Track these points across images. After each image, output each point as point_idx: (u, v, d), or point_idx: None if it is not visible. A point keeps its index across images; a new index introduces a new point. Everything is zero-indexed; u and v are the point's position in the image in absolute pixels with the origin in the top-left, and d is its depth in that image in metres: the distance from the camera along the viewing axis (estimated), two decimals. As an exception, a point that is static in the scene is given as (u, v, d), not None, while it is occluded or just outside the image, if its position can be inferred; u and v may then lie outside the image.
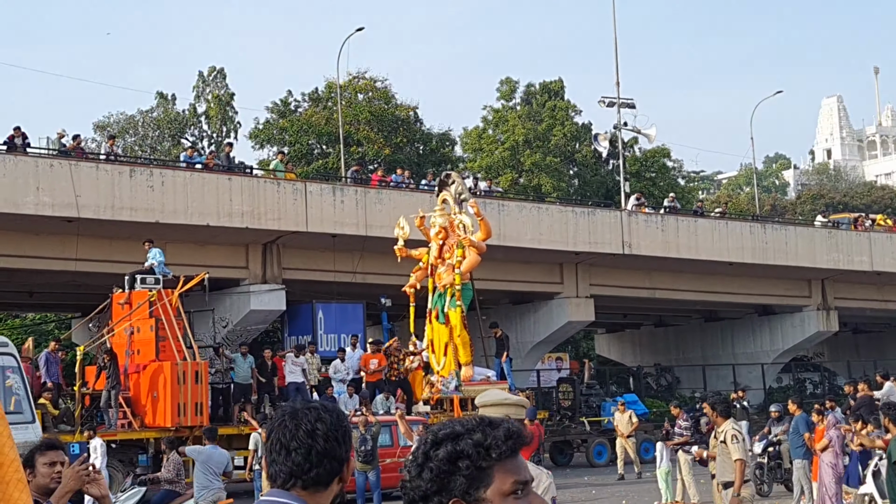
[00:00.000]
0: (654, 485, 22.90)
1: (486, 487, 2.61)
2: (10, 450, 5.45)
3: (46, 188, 28.42)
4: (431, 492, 2.62)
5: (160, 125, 60.72)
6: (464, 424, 2.68)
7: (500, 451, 2.63)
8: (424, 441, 2.69)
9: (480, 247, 25.86)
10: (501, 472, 2.62)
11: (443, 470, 2.61)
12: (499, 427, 2.67)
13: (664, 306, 48.27)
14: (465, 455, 2.61)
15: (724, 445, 11.58)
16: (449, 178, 27.52)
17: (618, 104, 45.56)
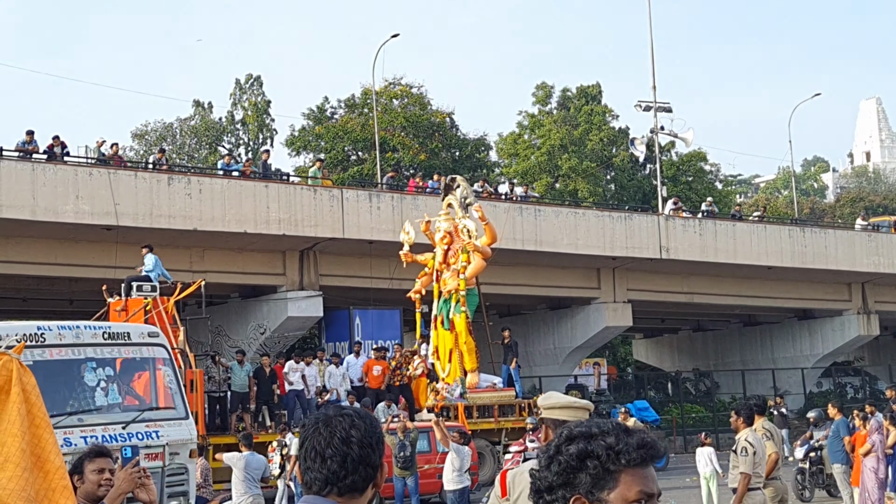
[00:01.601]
0: (686, 491, 22.75)
1: (609, 490, 2.65)
2: (55, 457, 5.48)
3: (86, 196, 28.62)
4: (557, 485, 2.68)
5: (197, 133, 61.09)
6: (600, 426, 2.72)
7: (629, 457, 2.66)
8: (560, 436, 2.74)
9: (485, 252, 25.65)
10: (628, 479, 2.66)
11: (571, 465, 2.67)
12: (633, 435, 2.71)
13: (702, 311, 48.02)
14: (594, 455, 2.66)
15: (734, 454, 11.49)
16: (454, 183, 27.33)
17: (654, 108, 45.38)
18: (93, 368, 14.18)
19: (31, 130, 30.17)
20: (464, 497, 18.54)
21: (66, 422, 13.30)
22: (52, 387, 13.75)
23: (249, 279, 33.39)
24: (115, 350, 14.53)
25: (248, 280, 33.41)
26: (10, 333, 13.27)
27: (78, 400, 14.02)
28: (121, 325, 15.44)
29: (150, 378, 15.11)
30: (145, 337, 15.12)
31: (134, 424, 14.03)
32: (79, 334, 14.16)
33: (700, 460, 20.78)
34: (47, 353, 13.70)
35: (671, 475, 28.99)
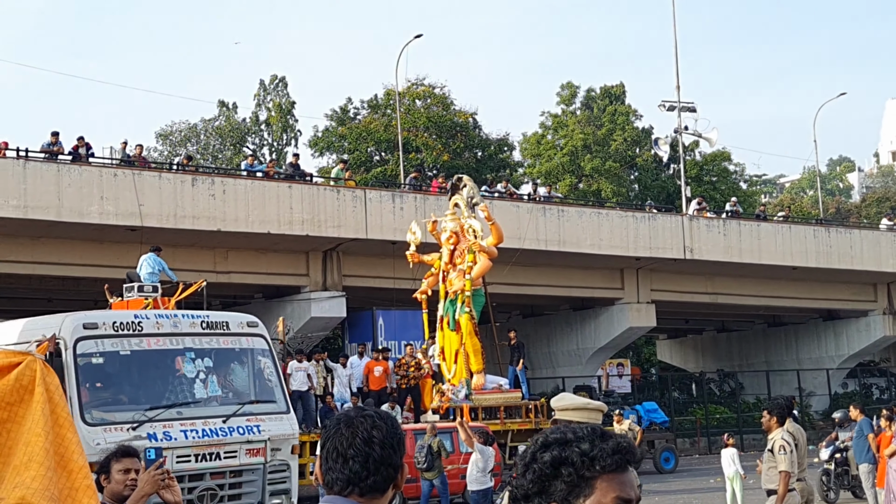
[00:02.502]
0: (710, 493, 22.67)
1: (585, 497, 2.60)
2: (78, 457, 5.50)
3: (110, 197, 28.75)
4: (532, 493, 2.64)
5: (222, 134, 61.29)
6: (575, 432, 2.68)
7: (604, 463, 2.61)
8: (535, 442, 2.71)
9: (491, 251, 25.51)
10: (604, 485, 2.61)
11: (545, 473, 2.63)
12: (609, 440, 2.66)
13: (727, 311, 47.86)
14: (569, 462, 2.61)
15: (770, 454, 11.41)
16: (461, 182, 27.21)
17: (678, 108, 45.25)
18: (191, 359, 13.70)
19: (57, 132, 30.33)
20: (487, 497, 18.54)
21: (165, 415, 12.99)
22: (150, 377, 13.52)
23: (273, 280, 33.46)
24: (213, 340, 13.97)
25: (272, 280, 33.49)
26: (106, 321, 13.06)
27: (175, 392, 13.56)
28: (219, 314, 14.79)
29: (249, 370, 14.47)
30: (244, 326, 14.48)
31: (234, 418, 13.55)
32: (176, 323, 13.72)
33: (724, 461, 20.71)
34: (144, 343, 13.28)
35: (695, 476, 28.90)
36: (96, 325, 12.95)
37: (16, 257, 28.80)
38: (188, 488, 12.83)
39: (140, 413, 12.85)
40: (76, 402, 12.30)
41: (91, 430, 12.30)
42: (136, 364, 13.35)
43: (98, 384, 13.05)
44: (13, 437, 5.37)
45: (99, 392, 13.01)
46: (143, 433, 12.65)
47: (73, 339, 12.69)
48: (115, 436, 12.29)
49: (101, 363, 13.02)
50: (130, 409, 13.00)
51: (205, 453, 13.10)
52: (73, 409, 11.91)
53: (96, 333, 12.92)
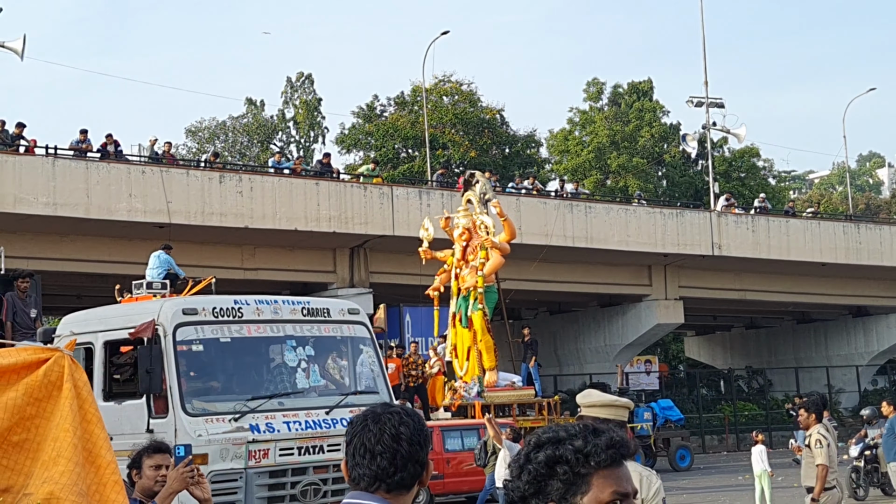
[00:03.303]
0: (739, 492, 22.56)
1: (583, 494, 2.59)
2: (106, 452, 5.51)
3: (138, 194, 28.87)
4: (529, 494, 2.62)
5: (249, 131, 61.47)
6: (567, 430, 2.67)
7: (599, 459, 2.60)
8: (528, 443, 2.69)
9: (504, 248, 25.37)
10: (600, 481, 2.60)
11: (541, 473, 2.61)
12: (602, 435, 2.64)
13: (755, 308, 47.67)
14: (563, 460, 2.60)
15: (808, 449, 11.37)
16: (473, 178, 27.10)
17: (706, 104, 45.07)
18: (293, 347, 13.12)
19: (85, 129, 30.48)
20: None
21: (267, 406, 12.46)
22: (250, 366, 13.09)
23: (300, 276, 33.54)
24: (314, 327, 13.33)
25: (299, 277, 33.56)
26: (205, 307, 12.55)
27: (275, 382, 13.07)
28: (320, 301, 14.00)
29: (350, 359, 13.85)
30: (345, 314, 13.78)
31: (337, 410, 12.91)
32: (277, 310, 13.09)
33: (754, 458, 20.61)
34: (245, 330, 12.73)
35: (723, 473, 28.77)
36: (196, 310, 12.50)
37: (45, 254, 28.95)
38: (291, 482, 12.46)
39: (241, 403, 12.38)
40: (176, 391, 11.97)
41: (192, 420, 11.98)
42: (236, 352, 12.92)
43: (198, 372, 12.69)
44: (42, 432, 5.38)
45: (199, 381, 12.63)
46: (246, 424, 12.24)
47: (172, 326, 12.24)
48: (216, 427, 12.04)
49: (200, 350, 12.58)
50: (231, 398, 12.55)
51: (308, 446, 12.61)
52: (172, 398, 11.91)
53: (196, 319, 12.45)
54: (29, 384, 5.41)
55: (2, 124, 29.27)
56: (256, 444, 12.13)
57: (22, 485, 5.30)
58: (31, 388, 5.41)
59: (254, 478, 12.09)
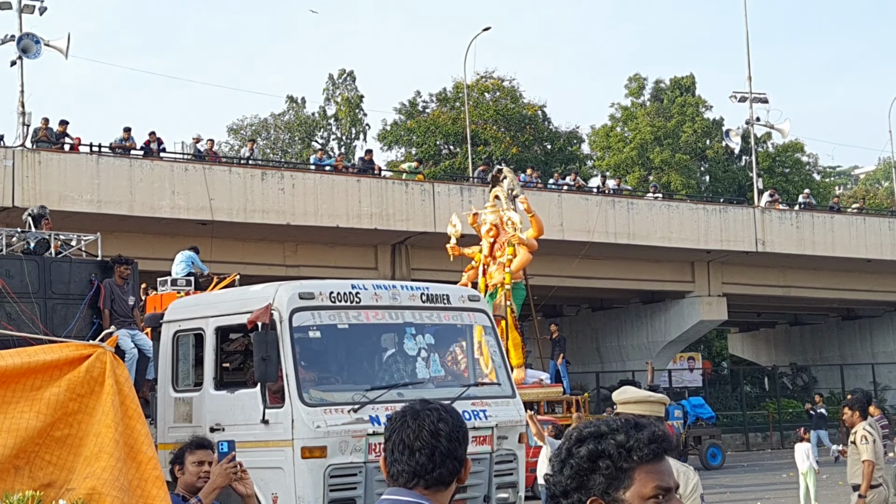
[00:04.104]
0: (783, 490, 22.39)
1: (625, 489, 2.58)
2: (147, 448, 5.54)
3: (181, 192, 29.04)
4: (571, 488, 2.61)
5: (291, 128, 61.69)
6: (609, 424, 2.65)
7: (641, 453, 2.59)
8: (569, 438, 2.68)
9: (531, 244, 25.22)
10: (643, 475, 2.59)
11: (583, 468, 2.60)
12: (644, 429, 2.63)
13: (800, 304, 47.32)
14: (605, 455, 2.59)
15: (853, 446, 11.27)
16: (501, 174, 26.99)
17: (750, 99, 44.72)
18: (412, 335, 12.39)
19: (129, 127, 30.71)
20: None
21: (387, 396, 11.68)
22: (368, 354, 12.53)
23: (342, 273, 33.55)
24: (433, 314, 12.61)
25: (341, 274, 33.56)
26: (322, 291, 11.93)
27: (390, 372, 12.39)
28: (439, 287, 13.25)
29: (471, 348, 13.09)
30: (465, 301, 13.05)
31: (459, 402, 12.01)
32: (395, 295, 12.39)
33: (798, 456, 20.44)
34: (363, 316, 12.00)
35: (768, 471, 28.56)
36: (312, 295, 11.80)
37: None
38: None
39: (360, 394, 11.65)
40: (293, 380, 11.30)
41: (310, 411, 11.25)
42: (354, 339, 12.24)
43: (314, 360, 12.05)
44: (84, 428, 5.42)
45: (315, 369, 11.98)
46: (365, 415, 11.46)
47: (288, 311, 11.55)
48: (335, 418, 11.34)
49: (317, 337, 11.88)
50: (349, 388, 11.88)
51: None
52: (288, 387, 11.29)
53: (313, 304, 11.75)
54: (71, 380, 5.45)
55: (45, 122, 29.53)
56: (377, 437, 11.20)
57: (65, 480, 5.33)
58: (74, 384, 5.44)
59: (374, 473, 11.27)
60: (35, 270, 13.53)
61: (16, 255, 13.88)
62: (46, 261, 13.86)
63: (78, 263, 14.50)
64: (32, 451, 5.35)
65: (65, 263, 14.22)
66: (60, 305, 13.76)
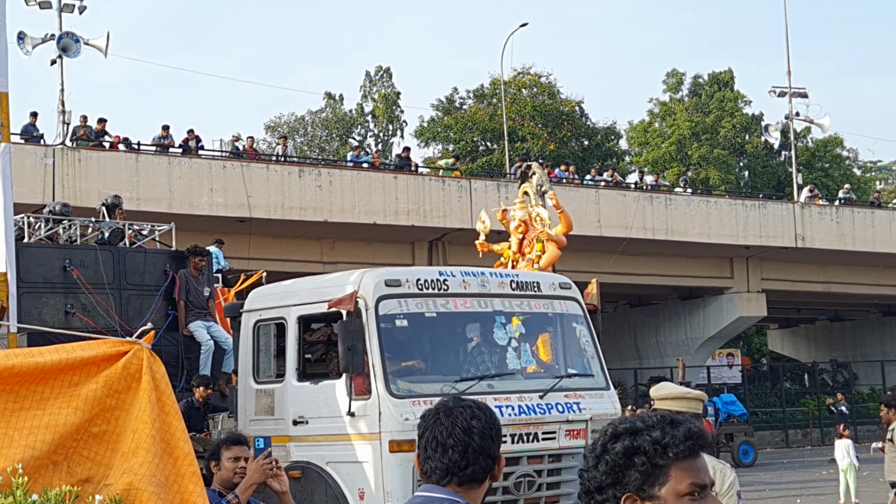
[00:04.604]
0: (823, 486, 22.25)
1: (661, 486, 2.58)
2: (184, 444, 5.57)
3: (220, 189, 29.18)
4: (606, 484, 2.62)
5: (328, 125, 61.86)
6: (644, 421, 2.65)
7: (677, 450, 2.59)
8: (604, 433, 2.68)
9: (560, 240, 25.12)
10: (678, 472, 2.59)
11: (618, 464, 2.61)
12: (679, 426, 2.63)
13: (840, 300, 46.97)
14: (641, 451, 2.59)
15: (891, 444, 11.19)
16: (529, 170, 26.92)
17: (789, 94, 44.43)
18: (502, 324, 11.86)
19: (167, 125, 30.92)
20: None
21: (477, 388, 11.13)
22: (456, 343, 12.05)
23: (380, 270, 33.66)
24: (524, 303, 12.09)
25: (379, 271, 33.69)
26: (409, 278, 11.52)
27: (478, 363, 11.83)
28: (529, 274, 12.79)
29: (563, 338, 12.53)
30: (556, 288, 12.46)
31: (552, 394, 11.62)
32: (484, 282, 11.88)
33: (838, 452, 20.30)
34: (451, 304, 11.54)
35: (808, 468, 28.38)
36: (399, 282, 11.37)
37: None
38: (504, 473, 10.71)
39: (449, 385, 11.15)
40: (379, 370, 10.83)
41: (398, 403, 10.73)
42: (442, 327, 11.78)
43: (401, 350, 11.54)
44: (121, 424, 5.45)
45: (402, 359, 11.47)
46: None
47: (374, 298, 11.08)
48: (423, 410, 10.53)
49: (404, 326, 11.39)
50: (437, 379, 11.40)
51: (522, 433, 11.31)
52: (375, 378, 10.82)
53: (399, 292, 11.28)
54: (109, 376, 5.49)
55: (84, 120, 29.77)
56: None
57: (102, 475, 5.37)
58: (111, 381, 5.48)
59: None
60: (110, 261, 13.29)
61: (90, 246, 13.60)
62: (121, 251, 13.60)
63: (152, 254, 14.24)
64: (70, 447, 5.40)
65: (139, 254, 13.92)
66: (135, 297, 13.46)
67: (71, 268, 12.84)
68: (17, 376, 5.37)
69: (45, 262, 12.92)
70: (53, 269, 12.91)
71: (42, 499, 4.98)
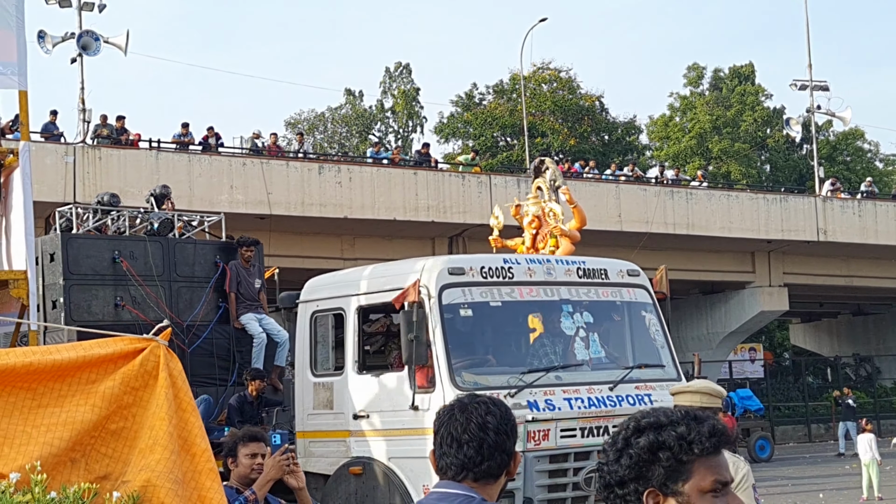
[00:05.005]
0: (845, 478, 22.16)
1: (684, 482, 2.57)
2: (201, 440, 5.57)
3: (240, 186, 29.25)
4: (628, 479, 2.61)
5: (348, 122, 61.93)
6: (668, 415, 2.64)
7: (702, 446, 2.58)
8: (626, 427, 2.66)
9: (574, 235, 25.01)
10: (702, 469, 2.58)
11: (642, 459, 2.59)
12: (704, 422, 2.62)
13: (862, 294, 46.77)
14: (666, 447, 2.58)
15: None
16: (543, 165, 26.86)
17: (810, 87, 44.25)
18: (569, 313, 11.44)
19: (187, 122, 31.00)
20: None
21: (544, 380, 10.74)
22: (522, 333, 11.52)
23: (400, 266, 33.68)
24: (591, 291, 11.69)
25: (399, 267, 33.71)
26: (473, 266, 11.12)
27: (545, 353, 11.35)
28: (596, 261, 12.27)
29: (631, 326, 12.17)
30: (624, 275, 12.20)
31: (622, 385, 11.22)
32: (550, 269, 11.49)
33: (861, 447, 20.22)
34: (516, 293, 11.15)
35: (830, 462, 28.27)
36: (463, 269, 10.97)
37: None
38: (574, 468, 10.78)
39: (515, 377, 10.71)
40: (444, 362, 10.47)
41: None
42: (507, 317, 11.36)
43: (466, 340, 11.12)
44: (138, 421, 5.46)
45: (467, 350, 11.06)
46: (523, 401, 10.48)
47: (437, 287, 10.71)
48: None
49: (469, 315, 11.01)
50: (504, 371, 10.96)
51: (591, 427, 10.93)
52: (439, 370, 10.49)
53: (463, 280, 10.89)
54: (126, 374, 5.50)
55: (104, 119, 29.87)
56: (536, 424, 10.54)
57: (120, 472, 5.39)
58: (128, 378, 5.49)
59: (533, 462, 10.50)
60: (159, 252, 13.04)
61: (140, 237, 13.32)
62: (171, 242, 13.31)
63: (202, 245, 13.87)
64: (88, 444, 5.41)
65: (189, 245, 13.57)
66: (185, 289, 13.21)
67: (120, 259, 12.61)
68: (35, 374, 5.39)
69: (95, 254, 12.67)
70: (103, 260, 12.65)
71: (60, 496, 5.00)
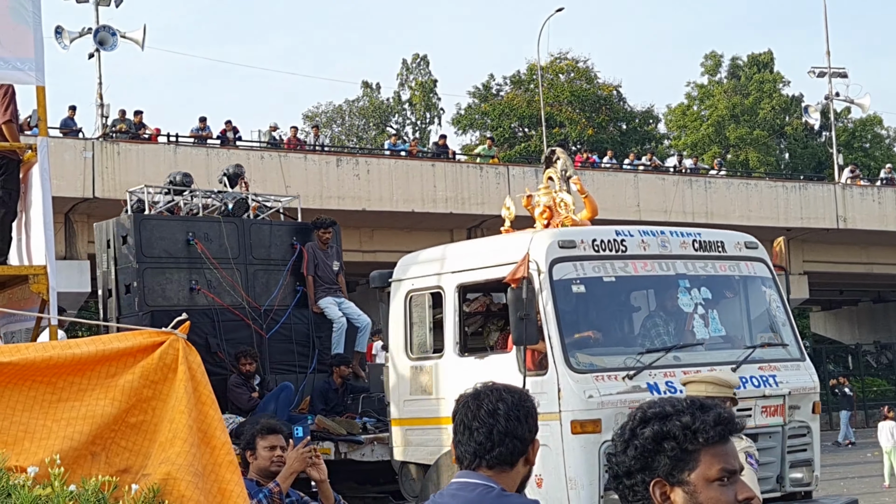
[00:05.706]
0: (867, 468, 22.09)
1: (690, 471, 2.58)
2: (221, 433, 5.59)
3: (258, 179, 29.20)
4: (635, 469, 2.62)
5: (365, 114, 61.96)
6: (674, 405, 2.64)
7: (707, 435, 2.59)
8: (633, 418, 2.67)
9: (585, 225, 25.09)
10: (708, 458, 2.59)
11: (648, 449, 2.60)
12: (709, 411, 2.62)
13: (883, 282, 46.54)
14: (671, 436, 2.59)
15: None
16: (554, 155, 26.79)
17: (829, 74, 44.04)
18: (686, 289, 10.65)
19: (204, 117, 31.07)
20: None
21: (663, 361, 9.98)
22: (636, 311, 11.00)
23: (418, 258, 33.69)
24: (708, 265, 10.88)
25: (417, 259, 33.72)
26: (584, 239, 10.63)
27: (667, 331, 10.57)
28: (712, 233, 11.48)
29: (749, 303, 11.32)
30: (741, 248, 11.29)
31: (745, 366, 10.31)
32: (665, 242, 10.77)
33: (882, 434, 20.17)
34: (630, 267, 10.48)
35: (850, 450, 28.17)
36: (574, 243, 10.47)
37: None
38: None
39: (632, 357, 9.97)
40: (557, 342, 9.73)
41: (580, 378, 9.56)
42: (621, 293, 10.81)
43: (579, 319, 10.44)
44: (158, 414, 5.49)
45: (580, 329, 10.31)
46: (643, 383, 9.73)
47: (548, 262, 10.11)
48: (608, 386, 9.60)
49: (581, 292, 10.31)
50: (619, 351, 10.27)
51: None
52: (552, 351, 9.73)
53: (574, 254, 10.33)
54: (145, 367, 5.52)
55: (122, 114, 29.96)
56: None
57: (140, 465, 5.41)
58: (148, 371, 5.52)
59: None
60: (234, 234, 12.44)
61: (214, 218, 12.65)
62: (246, 223, 12.74)
63: (278, 226, 13.40)
64: (108, 438, 5.44)
65: (265, 226, 13.08)
66: (261, 272, 12.63)
67: (194, 241, 12.02)
68: (54, 368, 5.42)
69: (168, 236, 12.07)
70: (176, 242, 12.05)
71: (80, 489, 5.02)
